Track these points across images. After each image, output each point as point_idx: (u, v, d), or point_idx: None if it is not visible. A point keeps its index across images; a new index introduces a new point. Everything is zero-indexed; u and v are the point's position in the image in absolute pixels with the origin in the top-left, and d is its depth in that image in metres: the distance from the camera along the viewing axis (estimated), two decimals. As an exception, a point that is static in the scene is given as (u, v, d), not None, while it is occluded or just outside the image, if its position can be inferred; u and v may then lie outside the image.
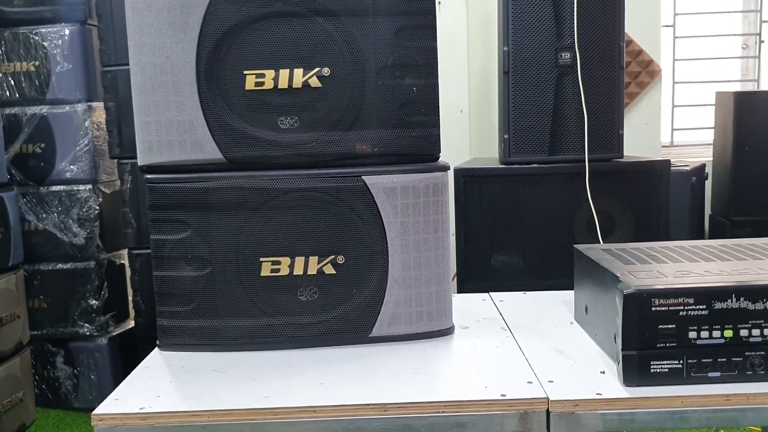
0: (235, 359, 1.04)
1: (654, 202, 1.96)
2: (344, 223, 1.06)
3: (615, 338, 0.93)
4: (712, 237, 2.78)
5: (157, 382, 0.97)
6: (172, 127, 1.06)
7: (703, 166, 2.72)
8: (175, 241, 1.07)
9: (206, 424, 0.87)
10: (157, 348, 1.10)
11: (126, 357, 2.39)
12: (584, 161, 1.85)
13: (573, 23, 1.83)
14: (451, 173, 1.08)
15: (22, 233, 2.21)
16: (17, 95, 2.32)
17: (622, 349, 0.89)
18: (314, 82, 1.05)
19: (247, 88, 1.05)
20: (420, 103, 1.07)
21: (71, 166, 2.33)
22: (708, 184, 2.78)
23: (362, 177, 1.05)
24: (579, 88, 1.85)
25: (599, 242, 1.78)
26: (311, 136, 1.06)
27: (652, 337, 0.89)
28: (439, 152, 1.10)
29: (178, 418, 0.87)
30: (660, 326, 0.89)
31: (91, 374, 2.35)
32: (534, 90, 1.88)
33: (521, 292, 1.35)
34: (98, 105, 2.35)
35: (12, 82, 2.31)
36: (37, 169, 2.36)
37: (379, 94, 1.06)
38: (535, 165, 1.89)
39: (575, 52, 1.84)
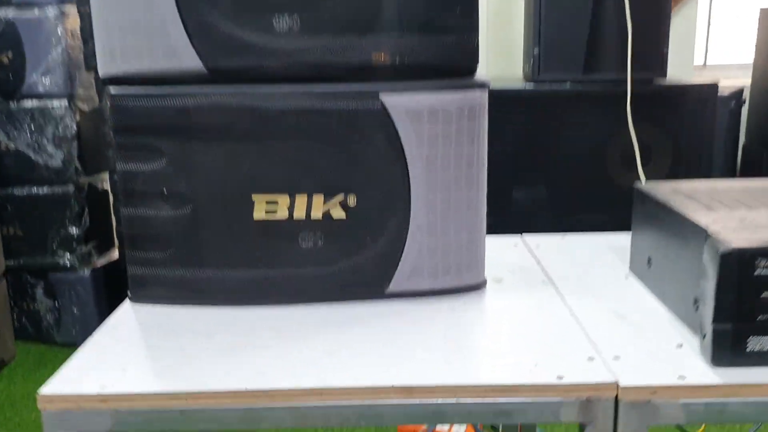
0: (222, 318, 0.85)
1: (697, 130, 1.75)
2: (356, 154, 0.85)
3: (696, 304, 0.74)
4: (744, 169, 2.57)
5: (125, 348, 0.78)
6: (140, 29, 0.84)
7: (741, 90, 2.49)
8: (147, 173, 0.86)
9: (185, 408, 0.68)
10: (128, 300, 0.91)
11: (110, 290, 2.22)
12: (624, 81, 1.62)
13: None
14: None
15: (-10, 154, 2.00)
16: (-25, -5, 2.06)
17: (713, 321, 0.70)
18: (320, -30, 0.82)
19: (233, -23, 0.82)
20: (454, 1, 0.84)
21: (43, 79, 2.09)
22: (743, 111, 2.55)
23: (380, 95, 0.84)
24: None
25: (639, 176, 1.57)
26: (315, 41, 0.84)
27: (751, 308, 0.70)
28: (477, 65, 0.88)
29: (149, 401, 0.68)
30: (763, 294, 0.69)
31: (74, 308, 2.19)
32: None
33: (559, 235, 1.16)
34: (72, 10, 2.08)
35: (-33, -20, 2.05)
36: (6, 82, 2.12)
37: (402, -11, 0.83)
38: (568, 84, 1.66)
39: (620, -48, 1.59)
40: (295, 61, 0.84)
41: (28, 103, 2.12)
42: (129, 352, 0.77)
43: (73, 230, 2.15)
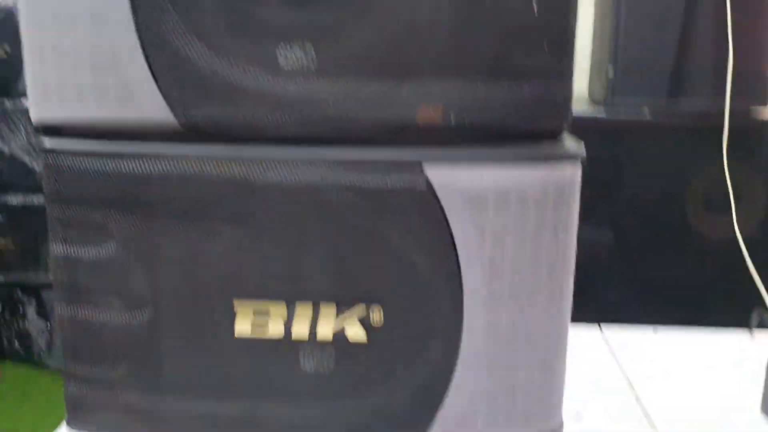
0: (186, 474, 0.60)
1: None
2: (385, 252, 0.59)
3: None
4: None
5: None
6: (84, 61, 0.58)
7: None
8: (91, 262, 0.61)
9: None
10: (65, 425, 0.67)
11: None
12: (715, 110, 1.33)
13: None
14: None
15: (-21, 159, 1.78)
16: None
17: None
18: (345, -16, 0.55)
19: (219, -11, 0.56)
20: (540, 31, 0.57)
21: (40, 76, 1.86)
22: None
23: (424, 168, 0.57)
24: (724, 7, 1.30)
25: (732, 225, 1.28)
26: (335, 85, 0.57)
27: None
28: (564, 125, 0.61)
29: None
30: None
31: (67, 331, 1.97)
32: (656, 6, 1.34)
33: (648, 329, 0.89)
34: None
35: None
36: (2, 77, 1.90)
37: (464, 13, 0.56)
38: (650, 112, 1.38)
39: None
40: (307, 115, 0.58)
41: (26, 102, 1.90)
42: None
43: (70, 245, 1.93)
